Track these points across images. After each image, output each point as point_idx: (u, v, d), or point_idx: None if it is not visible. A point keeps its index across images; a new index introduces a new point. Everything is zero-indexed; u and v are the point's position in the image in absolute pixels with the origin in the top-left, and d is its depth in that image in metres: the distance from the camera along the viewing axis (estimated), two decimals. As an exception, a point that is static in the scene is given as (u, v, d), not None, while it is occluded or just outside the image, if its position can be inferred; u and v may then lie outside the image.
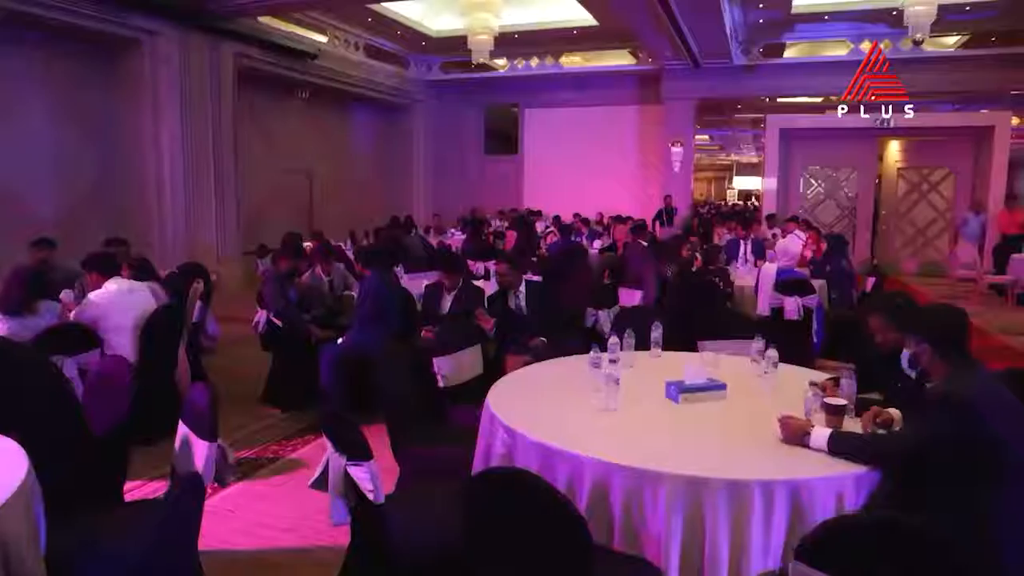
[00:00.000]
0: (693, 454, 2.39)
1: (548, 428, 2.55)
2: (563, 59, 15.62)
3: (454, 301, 4.80)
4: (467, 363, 3.82)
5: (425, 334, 4.67)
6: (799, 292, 6.16)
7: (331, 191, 14.71)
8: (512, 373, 3.38)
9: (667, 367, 3.40)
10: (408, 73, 15.91)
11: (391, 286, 5.02)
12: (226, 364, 6.18)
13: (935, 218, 14.26)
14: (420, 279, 6.48)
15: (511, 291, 4.77)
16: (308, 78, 12.71)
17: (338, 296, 5.67)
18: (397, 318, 4.91)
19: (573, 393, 3.02)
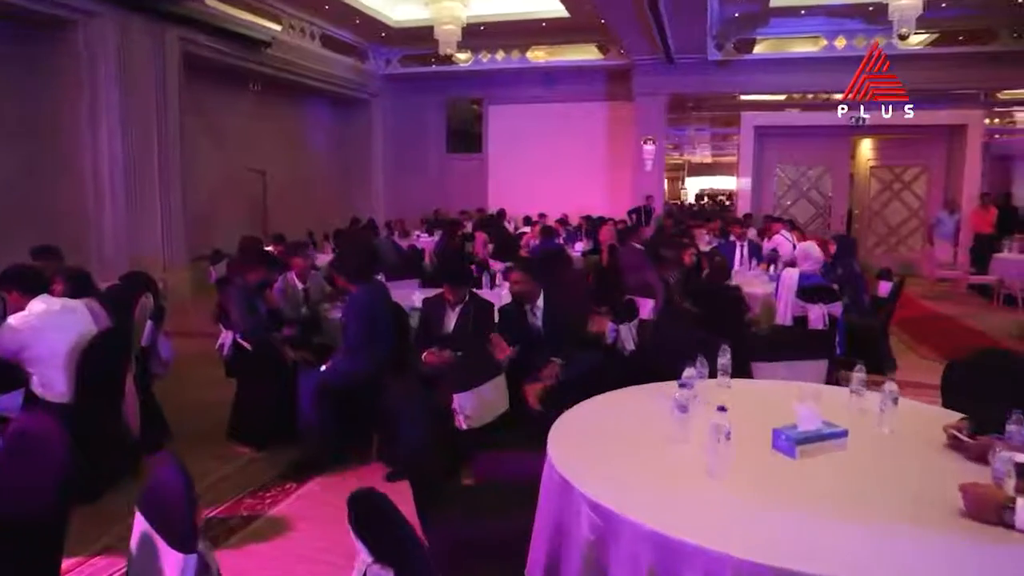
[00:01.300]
0: (867, 544, 1.75)
1: (654, 507, 1.89)
2: (530, 53, 14.97)
3: (460, 317, 4.09)
4: (491, 398, 3.13)
5: (428, 358, 3.95)
6: (824, 299, 5.63)
7: (286, 190, 13.76)
8: (567, 414, 2.70)
9: (749, 402, 2.77)
10: (367, 66, 15.05)
11: (383, 302, 4.28)
12: (180, 390, 5.32)
13: (908, 217, 14.12)
14: (397, 288, 5.76)
15: (528, 305, 4.07)
16: (261, 69, 11.78)
17: (315, 310, 4.88)
18: (391, 340, 4.17)
19: (659, 446, 2.37)
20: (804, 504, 2.02)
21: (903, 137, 13.85)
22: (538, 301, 4.08)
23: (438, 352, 3.94)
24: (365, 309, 4.08)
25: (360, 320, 4.02)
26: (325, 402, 3.96)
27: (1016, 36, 12.73)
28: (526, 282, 4.03)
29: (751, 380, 3.26)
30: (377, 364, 4.06)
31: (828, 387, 3.01)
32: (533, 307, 4.10)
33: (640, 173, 14.51)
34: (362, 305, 4.11)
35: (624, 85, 14.66)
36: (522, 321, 4.05)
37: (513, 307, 4.12)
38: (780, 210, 14.35)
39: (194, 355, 6.41)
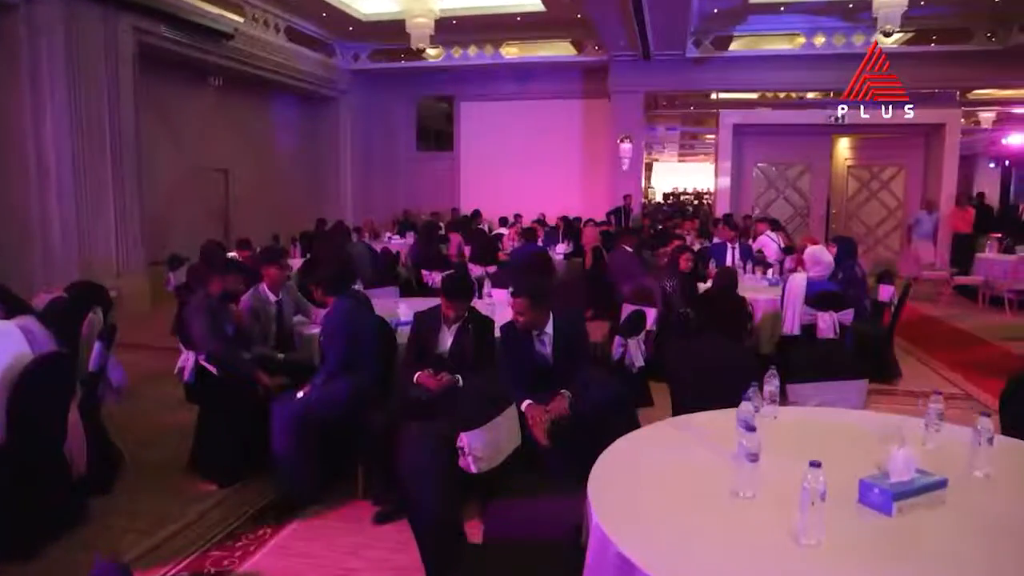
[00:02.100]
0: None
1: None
2: (503, 49, 14.52)
3: (457, 335, 3.61)
4: (504, 434, 2.69)
5: (424, 380, 3.48)
6: (834, 307, 5.31)
7: (249, 191, 13.10)
8: (604, 461, 2.28)
9: (809, 439, 2.38)
10: (334, 61, 14.45)
11: (365, 318, 3.81)
12: (134, 414, 4.78)
13: (886, 216, 14.01)
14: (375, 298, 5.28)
15: (536, 333, 3.61)
16: (222, 62, 11.13)
17: (289, 327, 4.37)
18: (377, 360, 3.71)
19: (723, 502, 1.95)
20: (912, 572, 1.64)
21: (881, 136, 13.72)
22: (547, 327, 3.61)
23: (435, 375, 3.47)
24: (345, 326, 3.60)
25: (340, 339, 3.54)
26: (302, 432, 3.48)
27: (990, 36, 12.69)
28: (532, 311, 3.51)
29: (799, 409, 2.87)
30: (361, 388, 3.59)
31: (898, 417, 2.63)
32: (541, 336, 3.63)
33: (617, 172, 14.17)
34: (341, 322, 3.63)
35: (600, 82, 14.31)
36: (527, 347, 3.59)
37: (507, 331, 3.62)
38: (758, 210, 14.16)
39: (151, 371, 5.87)
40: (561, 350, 3.62)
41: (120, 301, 8.88)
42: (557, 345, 3.62)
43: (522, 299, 3.52)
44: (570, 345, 3.62)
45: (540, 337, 3.63)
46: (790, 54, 13.37)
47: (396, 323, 4.25)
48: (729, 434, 2.28)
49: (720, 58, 13.52)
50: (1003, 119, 19.04)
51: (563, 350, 3.62)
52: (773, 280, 6.63)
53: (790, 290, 5.38)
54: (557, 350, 3.62)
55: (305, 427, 3.47)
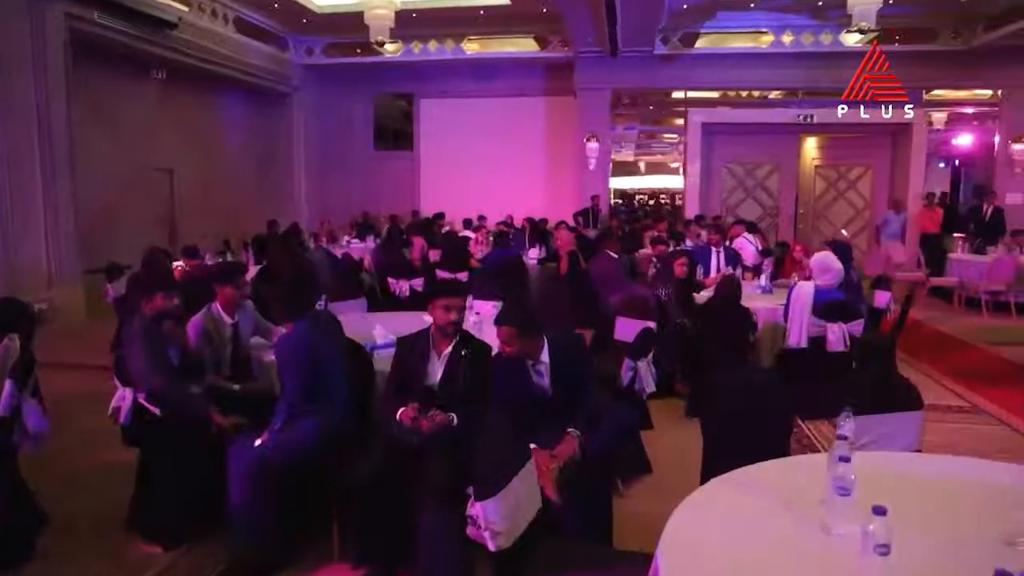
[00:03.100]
0: None
1: None
2: (464, 44, 13.98)
3: (450, 364, 3.05)
4: (524, 498, 2.17)
5: (406, 417, 2.93)
6: (843, 317, 4.93)
7: (196, 192, 12.28)
8: (677, 517, 1.80)
9: (896, 495, 1.93)
10: (287, 55, 13.72)
11: (332, 342, 3.25)
12: (61, 455, 4.11)
13: (853, 216, 13.91)
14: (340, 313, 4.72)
15: (530, 363, 3.11)
16: (166, 54, 10.34)
17: (246, 352, 3.76)
18: (348, 393, 3.15)
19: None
20: None
21: (848, 136, 13.60)
22: (543, 356, 3.11)
23: (426, 413, 2.91)
24: (302, 352, 3.03)
25: (298, 368, 2.98)
26: (264, 483, 2.90)
27: (955, 36, 12.67)
28: (519, 341, 3.01)
29: (875, 455, 2.42)
30: (331, 427, 3.04)
31: (1011, 469, 2.20)
32: (536, 365, 3.13)
33: (584, 172, 13.77)
34: (297, 347, 3.05)
35: (565, 79, 13.89)
36: (523, 377, 3.09)
37: (507, 360, 3.11)
38: (726, 210, 13.92)
39: (85, 395, 5.15)
40: (561, 380, 3.13)
41: (52, 315, 8.11)
42: (556, 374, 3.13)
43: (507, 328, 3.02)
44: (571, 374, 3.13)
45: (535, 367, 3.13)
46: (758, 52, 13.16)
47: (371, 347, 3.69)
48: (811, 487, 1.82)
49: (688, 55, 13.24)
50: (954, 120, 19.27)
51: (563, 380, 3.12)
52: (766, 287, 6.25)
53: (796, 299, 4.98)
54: (556, 380, 3.12)
55: (267, 476, 2.90)
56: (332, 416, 3.07)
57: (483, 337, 3.45)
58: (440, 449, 2.79)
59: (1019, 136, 12.99)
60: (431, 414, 2.84)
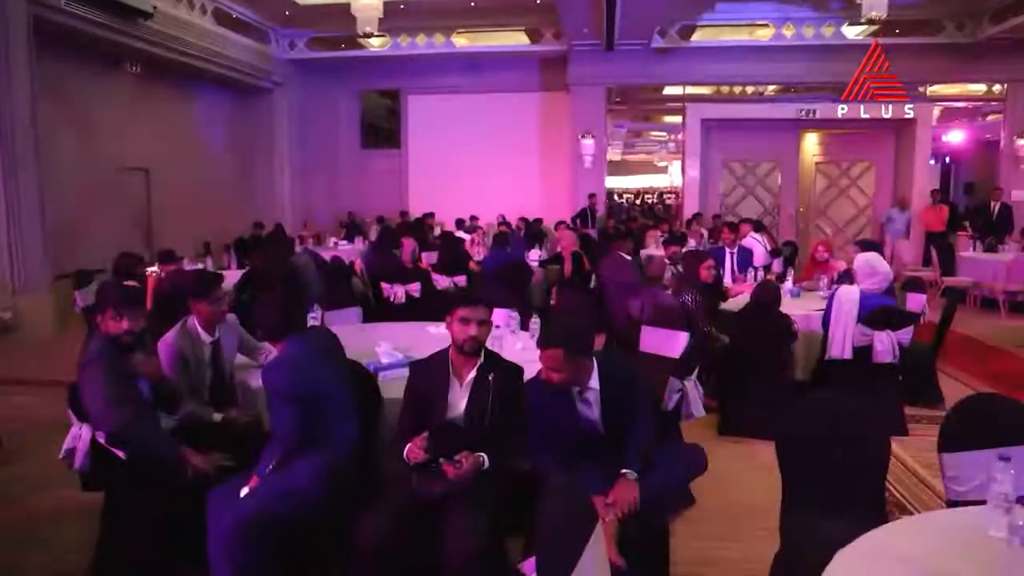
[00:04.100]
0: None
1: None
2: (454, 37, 13.45)
3: (475, 392, 2.52)
4: (594, 562, 1.67)
5: (413, 455, 2.39)
6: (891, 325, 4.48)
7: (174, 193, 11.64)
8: None
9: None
10: (269, 49, 13.11)
11: (332, 364, 2.73)
12: (15, 494, 3.57)
13: (856, 214, 13.54)
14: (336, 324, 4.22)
15: (580, 392, 2.62)
16: (140, 46, 9.71)
17: (229, 375, 3.23)
18: (355, 428, 2.63)
19: None
20: None
21: (851, 132, 13.23)
22: (591, 382, 2.61)
23: (450, 454, 2.38)
24: (303, 381, 2.52)
25: (297, 401, 2.46)
26: (251, 541, 2.38)
27: (960, 29, 12.34)
28: (570, 365, 2.51)
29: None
30: (332, 471, 2.52)
31: None
32: (584, 393, 2.63)
33: (579, 170, 13.32)
34: (297, 375, 2.54)
35: (558, 74, 13.42)
36: (567, 408, 2.59)
37: (547, 387, 2.59)
38: (726, 209, 13.52)
39: (48, 421, 4.56)
40: (612, 410, 2.63)
41: (16, 326, 7.52)
42: (607, 404, 2.63)
43: (554, 351, 2.51)
44: (624, 403, 2.64)
45: (582, 395, 2.63)
46: (758, 45, 12.78)
47: (374, 367, 3.17)
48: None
49: (685, 49, 12.83)
50: (945, 115, 19.05)
51: (615, 410, 2.63)
52: (793, 291, 5.80)
53: (839, 306, 4.52)
54: (608, 411, 2.62)
55: (255, 533, 2.38)
56: (336, 456, 2.55)
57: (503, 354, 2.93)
58: (471, 500, 2.28)
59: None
60: (459, 460, 2.32)
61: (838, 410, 2.51)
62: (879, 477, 2.45)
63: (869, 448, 2.47)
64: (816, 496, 2.47)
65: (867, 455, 2.47)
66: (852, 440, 2.45)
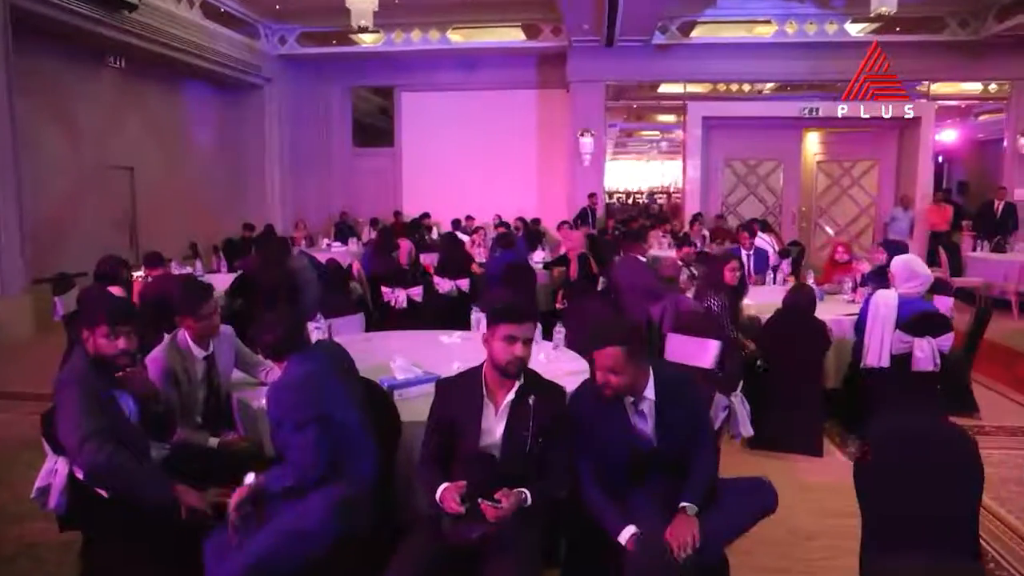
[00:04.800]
0: None
1: None
2: (450, 33, 13.12)
3: (513, 416, 2.19)
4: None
5: (450, 503, 2.07)
6: (932, 331, 4.20)
7: (160, 192, 11.24)
8: None
9: None
10: (258, 44, 12.72)
11: (345, 383, 2.41)
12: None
13: (858, 214, 13.32)
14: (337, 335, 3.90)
15: (634, 402, 2.32)
16: (124, 39, 9.31)
17: (225, 393, 2.88)
18: (373, 457, 2.31)
19: None
20: None
21: (853, 130, 13.00)
22: (647, 391, 2.31)
23: (487, 491, 2.04)
24: (317, 402, 2.20)
25: (312, 425, 2.14)
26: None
27: (964, 26, 12.15)
28: (630, 367, 2.22)
29: None
30: (355, 510, 2.20)
31: None
32: (639, 404, 2.32)
33: (578, 169, 13.02)
34: (310, 396, 2.22)
35: (556, 71, 13.12)
36: (619, 423, 2.28)
37: (596, 395, 2.31)
38: (727, 208, 13.28)
39: (24, 441, 4.23)
40: (669, 424, 2.32)
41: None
42: (663, 418, 2.32)
43: (615, 350, 2.20)
44: (681, 418, 2.33)
45: (638, 406, 2.32)
46: (760, 42, 12.53)
47: (388, 384, 2.84)
48: None
49: (686, 46, 12.57)
50: (939, 114, 18.92)
51: (672, 424, 2.32)
52: (818, 293, 5.51)
53: (876, 311, 4.23)
54: (663, 425, 2.32)
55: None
56: (356, 488, 2.22)
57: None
58: (513, 545, 1.96)
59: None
60: (498, 495, 2.00)
61: (928, 434, 2.21)
62: (973, 511, 2.15)
63: (963, 477, 2.18)
64: (902, 534, 2.17)
65: (961, 485, 2.18)
66: (945, 469, 2.16)
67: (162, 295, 4.26)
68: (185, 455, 2.54)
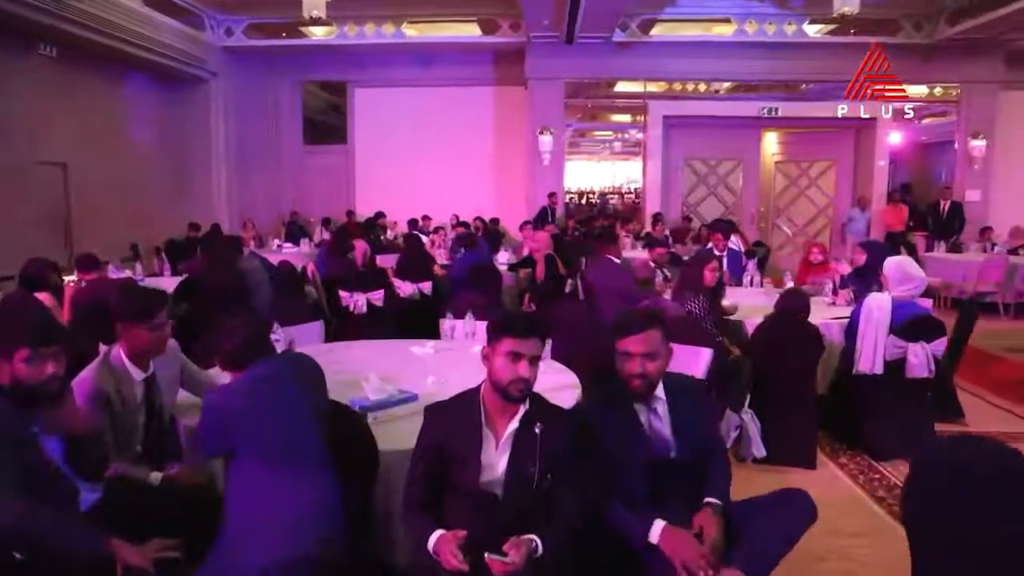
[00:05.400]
0: None
1: None
2: (405, 27, 12.71)
3: (517, 445, 1.86)
4: None
5: (450, 560, 1.73)
6: (927, 335, 4.03)
7: (96, 190, 10.53)
8: None
9: None
10: (203, 35, 12.09)
11: (316, 407, 2.06)
12: None
13: (816, 214, 13.40)
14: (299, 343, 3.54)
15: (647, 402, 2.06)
16: (57, 25, 8.66)
17: (167, 423, 2.48)
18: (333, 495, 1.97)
19: None
20: None
21: (810, 131, 13.07)
22: (658, 389, 2.04)
23: (498, 540, 1.70)
24: (270, 410, 1.85)
25: (257, 443, 1.79)
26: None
27: (917, 29, 12.29)
28: (664, 352, 2.06)
29: None
30: (316, 564, 1.85)
31: None
32: (652, 401, 2.05)
33: (537, 168, 12.75)
34: (261, 399, 1.87)
35: (514, 68, 12.83)
36: (633, 429, 2.01)
37: (603, 409, 2.02)
38: (687, 208, 13.22)
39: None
40: (684, 427, 2.10)
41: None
42: (679, 420, 2.09)
43: (653, 332, 2.05)
44: (694, 423, 2.10)
45: (652, 407, 2.06)
46: (720, 41, 12.46)
47: (359, 405, 2.49)
48: None
49: (647, 44, 12.41)
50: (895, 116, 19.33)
51: (687, 426, 2.11)
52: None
53: (868, 315, 4.04)
54: (680, 429, 2.09)
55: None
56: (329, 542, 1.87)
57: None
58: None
59: (978, 132, 12.73)
60: (507, 545, 1.67)
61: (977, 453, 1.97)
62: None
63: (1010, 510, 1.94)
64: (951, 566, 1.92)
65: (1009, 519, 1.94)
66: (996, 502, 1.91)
67: (95, 303, 3.82)
68: (121, 495, 2.15)
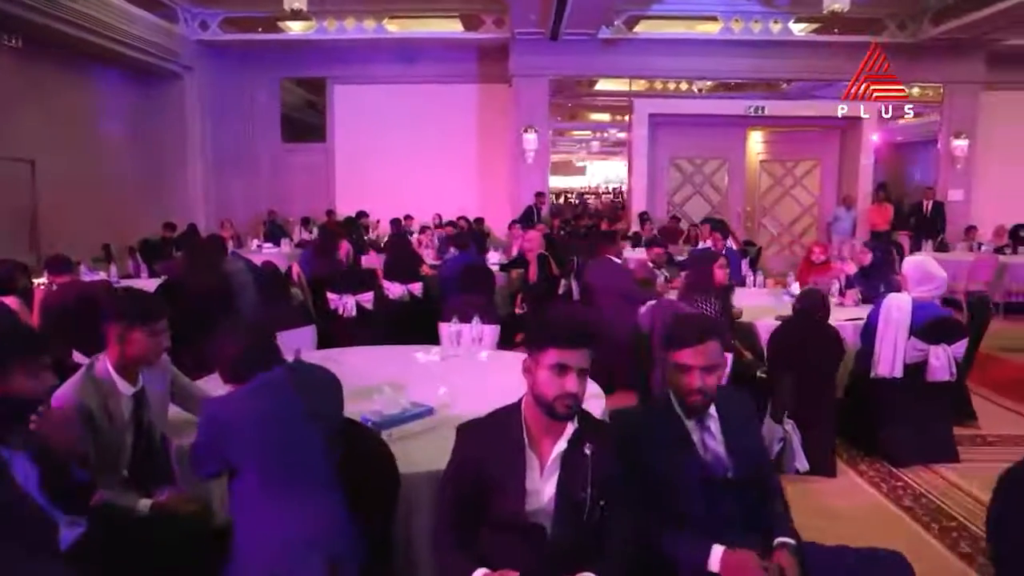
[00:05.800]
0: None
1: None
2: (387, 22, 12.43)
3: (568, 474, 1.64)
4: None
5: None
6: (948, 338, 3.89)
7: (66, 188, 10.12)
8: None
9: None
10: (177, 29, 11.71)
11: (328, 423, 1.83)
12: None
13: (801, 213, 13.36)
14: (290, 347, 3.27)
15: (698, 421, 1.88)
16: (23, 15, 8.27)
17: (158, 442, 2.23)
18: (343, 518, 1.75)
19: None
20: None
21: (796, 129, 13.02)
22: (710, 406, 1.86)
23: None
24: (275, 418, 1.63)
25: (258, 452, 1.57)
26: None
27: (901, 28, 12.29)
28: (721, 362, 1.89)
29: None
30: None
31: None
32: (705, 415, 1.87)
33: (521, 167, 12.53)
34: (265, 408, 1.65)
35: (498, 65, 12.61)
36: (685, 447, 1.83)
37: (650, 428, 1.81)
38: (673, 207, 13.11)
39: None
40: (737, 444, 1.90)
41: None
42: (732, 437, 1.90)
43: (713, 343, 1.86)
44: (746, 440, 1.90)
45: (705, 423, 1.87)
46: (705, 39, 12.35)
47: (371, 422, 2.26)
48: None
49: (632, 42, 12.25)
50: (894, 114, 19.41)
51: (739, 443, 1.91)
52: (791, 296, 5.21)
53: (887, 316, 3.89)
54: (733, 445, 1.89)
55: None
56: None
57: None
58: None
59: (960, 132, 12.77)
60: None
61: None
62: None
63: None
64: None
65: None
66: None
67: (66, 307, 3.54)
68: (107, 529, 1.89)
